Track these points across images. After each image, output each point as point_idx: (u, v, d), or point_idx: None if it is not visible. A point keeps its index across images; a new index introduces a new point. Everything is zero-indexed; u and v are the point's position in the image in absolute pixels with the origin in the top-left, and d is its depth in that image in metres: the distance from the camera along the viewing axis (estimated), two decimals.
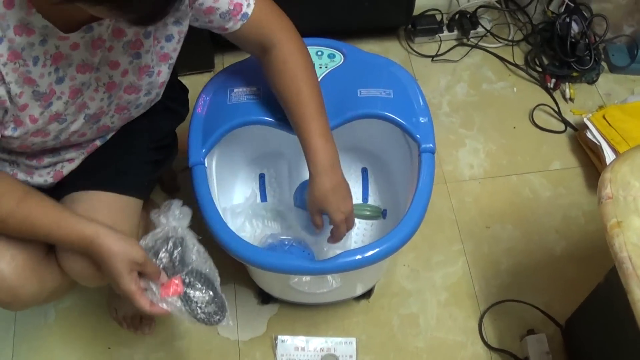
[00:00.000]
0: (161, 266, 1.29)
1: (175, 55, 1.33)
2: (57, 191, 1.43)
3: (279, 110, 1.49)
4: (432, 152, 1.52)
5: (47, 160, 1.37)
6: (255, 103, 1.53)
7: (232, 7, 1.26)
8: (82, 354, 1.78)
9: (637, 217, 1.14)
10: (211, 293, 1.32)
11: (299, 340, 1.76)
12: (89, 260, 1.29)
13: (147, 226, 1.71)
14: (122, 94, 1.29)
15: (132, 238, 1.24)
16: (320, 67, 1.64)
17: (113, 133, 1.45)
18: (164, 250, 1.31)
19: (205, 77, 2.21)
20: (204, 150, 1.52)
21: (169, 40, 1.29)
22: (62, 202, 1.40)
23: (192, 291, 1.30)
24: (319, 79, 1.61)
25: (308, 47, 1.66)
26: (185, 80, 1.66)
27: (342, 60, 1.66)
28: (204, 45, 2.13)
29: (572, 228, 1.91)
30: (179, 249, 1.32)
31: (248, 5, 1.28)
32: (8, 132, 1.18)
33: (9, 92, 1.11)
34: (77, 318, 1.83)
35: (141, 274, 1.25)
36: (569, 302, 1.66)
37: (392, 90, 1.58)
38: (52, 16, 1.08)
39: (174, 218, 1.33)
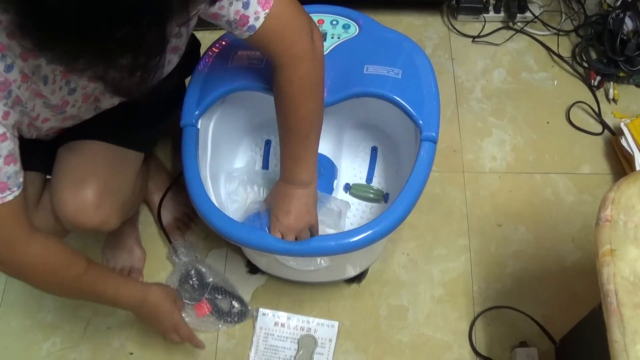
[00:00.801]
0: (187, 295, 1.69)
1: (184, 44, 1.31)
2: (54, 144, 1.43)
3: None
4: (433, 141, 1.43)
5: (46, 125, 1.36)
6: (255, 69, 1.46)
7: (237, 18, 1.18)
8: (67, 300, 1.77)
9: (634, 247, 1.04)
10: (231, 299, 1.72)
11: (280, 316, 1.70)
12: (83, 198, 1.34)
13: (146, 178, 1.71)
14: None
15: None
16: (332, 37, 1.56)
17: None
18: (187, 283, 1.71)
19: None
20: (197, 112, 1.48)
21: (179, 37, 1.28)
22: (60, 150, 1.40)
23: (218, 303, 1.71)
24: (329, 49, 1.54)
25: (323, 14, 1.61)
26: (214, 34, 1.61)
27: (357, 31, 1.57)
28: None
29: (589, 239, 1.78)
30: (196, 276, 1.73)
31: (257, 18, 1.18)
32: (29, 134, 1.20)
33: (25, 109, 1.11)
34: None
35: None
36: (569, 318, 1.53)
37: (402, 71, 1.49)
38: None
39: (183, 255, 1.76)
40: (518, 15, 2.13)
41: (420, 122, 1.43)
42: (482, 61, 2.10)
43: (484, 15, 2.14)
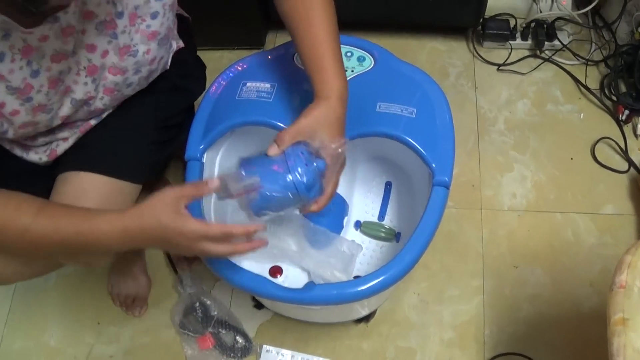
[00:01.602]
0: (191, 328, 1.66)
1: (163, 29, 1.24)
2: (54, 171, 1.39)
3: (286, 115, 1.38)
4: (446, 186, 1.37)
5: (41, 139, 1.32)
6: (263, 102, 1.42)
7: None
8: (72, 323, 1.78)
9: None
10: (235, 334, 1.67)
11: (284, 354, 1.65)
12: None
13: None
14: (106, 75, 1.23)
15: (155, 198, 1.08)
16: (346, 70, 1.50)
17: (109, 112, 1.37)
18: (191, 315, 1.68)
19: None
20: (202, 147, 1.44)
21: (155, 17, 1.21)
22: (56, 181, 1.36)
23: (222, 338, 1.66)
24: None
25: None
26: (233, 55, 1.57)
27: (372, 65, 1.52)
28: (254, 22, 2.02)
29: (608, 283, 1.70)
30: (201, 309, 1.69)
31: None
32: (3, 129, 1.15)
33: None
34: (76, 286, 1.83)
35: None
36: None
37: (416, 110, 1.43)
38: (10, 12, 1.02)
39: (189, 286, 1.72)
40: (546, 43, 2.06)
41: (433, 165, 1.38)
42: (507, 91, 2.03)
43: (511, 42, 2.08)
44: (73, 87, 1.21)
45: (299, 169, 1.13)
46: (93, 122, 1.36)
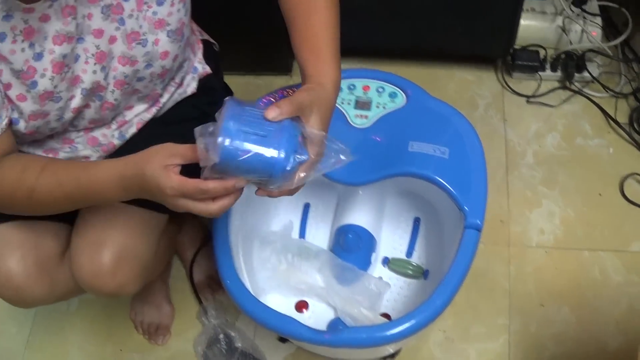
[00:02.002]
0: (215, 359, 1.66)
1: (173, 20, 1.21)
2: None
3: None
4: (478, 229, 1.37)
5: (62, 155, 1.31)
6: None
7: None
8: (94, 350, 1.77)
9: None
10: None
11: None
12: (99, 263, 1.28)
13: (174, 237, 1.66)
14: (116, 66, 1.21)
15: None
16: (378, 107, 1.51)
17: (133, 131, 1.36)
18: (215, 347, 1.67)
19: (280, 80, 2.09)
20: None
21: (161, 4, 1.18)
22: (81, 210, 1.36)
23: None
24: (375, 120, 1.49)
25: (370, 80, 1.56)
26: (259, 80, 1.56)
27: (404, 102, 1.52)
28: (280, 47, 2.01)
29: (634, 323, 1.69)
30: (225, 341, 1.68)
31: None
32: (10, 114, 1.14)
33: None
34: (98, 312, 1.82)
35: None
36: None
37: (449, 150, 1.43)
38: None
39: (213, 317, 1.70)
40: (576, 74, 2.04)
41: (466, 208, 1.37)
42: (536, 123, 2.01)
43: (540, 73, 2.06)
44: (82, 76, 1.18)
45: (288, 152, 1.00)
46: (116, 142, 1.35)
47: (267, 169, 0.99)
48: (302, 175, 1.02)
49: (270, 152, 0.98)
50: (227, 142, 0.96)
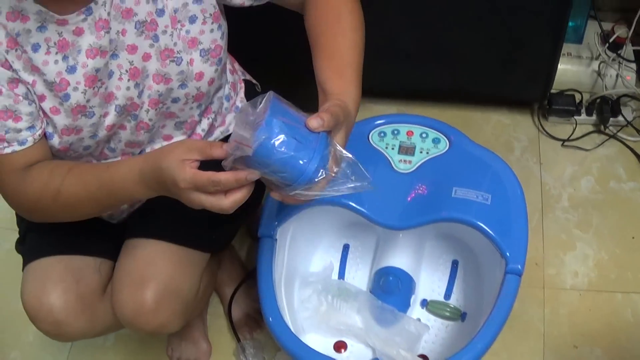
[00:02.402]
0: None
1: (206, 40, 1.22)
2: (122, 235, 1.42)
3: (366, 198, 1.39)
4: (519, 274, 1.39)
5: None
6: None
7: None
8: None
9: None
10: None
11: None
12: (141, 300, 1.29)
13: (214, 275, 1.68)
14: (151, 84, 1.22)
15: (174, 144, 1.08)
16: (421, 152, 1.53)
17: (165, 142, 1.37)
18: None
19: None
20: (276, 223, 1.45)
21: (193, 22, 1.20)
22: (124, 245, 1.38)
23: None
24: (418, 165, 1.51)
25: (413, 125, 1.58)
26: None
27: (447, 147, 1.55)
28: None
29: None
30: None
31: None
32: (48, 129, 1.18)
33: (19, 78, 1.11)
34: (135, 347, 1.83)
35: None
36: None
37: (491, 196, 1.45)
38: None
39: (251, 356, 1.71)
40: (610, 119, 2.06)
41: (508, 254, 1.39)
42: (571, 167, 2.03)
43: (575, 117, 2.08)
44: (116, 92, 1.20)
45: (319, 165, 1.00)
46: None
47: (294, 175, 1.00)
48: (319, 190, 1.03)
49: (303, 160, 0.99)
50: (267, 139, 0.97)
